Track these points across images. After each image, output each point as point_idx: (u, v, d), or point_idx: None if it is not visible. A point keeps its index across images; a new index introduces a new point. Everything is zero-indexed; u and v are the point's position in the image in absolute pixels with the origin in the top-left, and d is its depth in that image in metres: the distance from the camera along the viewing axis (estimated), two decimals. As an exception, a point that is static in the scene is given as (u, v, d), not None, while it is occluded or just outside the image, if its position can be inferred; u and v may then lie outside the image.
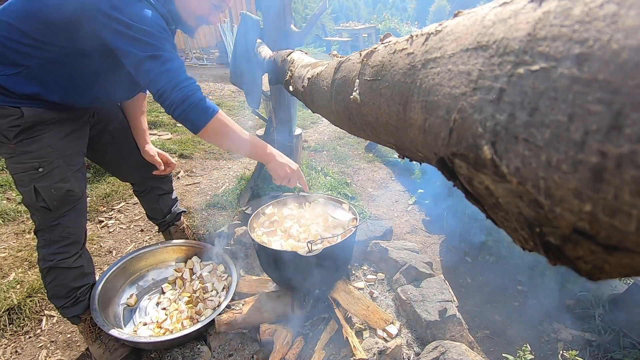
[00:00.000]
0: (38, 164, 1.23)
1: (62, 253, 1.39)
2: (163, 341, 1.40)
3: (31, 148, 1.22)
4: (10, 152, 1.21)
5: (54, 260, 1.38)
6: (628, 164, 0.17)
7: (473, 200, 0.32)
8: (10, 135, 1.18)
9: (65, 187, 1.30)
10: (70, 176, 1.32)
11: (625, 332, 1.60)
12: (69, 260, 1.41)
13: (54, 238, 1.37)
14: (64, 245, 1.38)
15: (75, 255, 1.44)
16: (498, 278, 2.07)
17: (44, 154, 1.24)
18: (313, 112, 0.95)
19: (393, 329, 1.47)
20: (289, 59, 1.26)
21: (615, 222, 0.18)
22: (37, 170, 1.23)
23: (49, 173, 1.26)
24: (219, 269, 1.83)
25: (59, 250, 1.38)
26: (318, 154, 3.78)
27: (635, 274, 0.21)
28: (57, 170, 1.27)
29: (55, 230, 1.36)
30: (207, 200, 2.86)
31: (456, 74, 0.30)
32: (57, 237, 1.37)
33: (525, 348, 1.40)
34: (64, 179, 1.29)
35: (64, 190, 1.30)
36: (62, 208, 1.32)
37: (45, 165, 1.24)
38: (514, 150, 0.23)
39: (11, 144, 1.19)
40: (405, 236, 2.46)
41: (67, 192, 1.31)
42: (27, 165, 1.22)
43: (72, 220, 1.37)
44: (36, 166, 1.23)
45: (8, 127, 1.17)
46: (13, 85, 1.14)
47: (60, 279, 1.43)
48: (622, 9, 0.18)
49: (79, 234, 1.42)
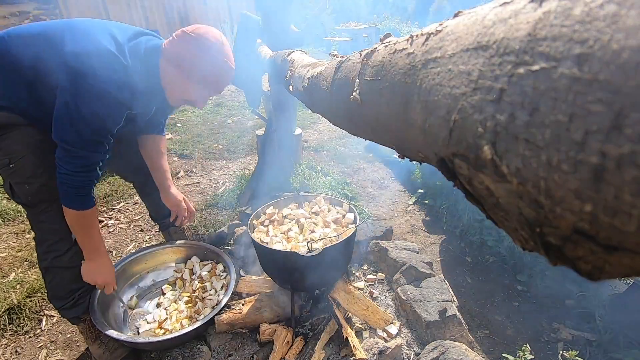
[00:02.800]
0: (8, 160, 1.24)
1: (53, 251, 1.39)
2: (163, 341, 1.40)
3: (1, 145, 1.22)
4: None
5: (48, 259, 1.39)
6: (628, 164, 0.17)
7: (473, 200, 0.32)
8: None
9: (37, 182, 1.29)
10: (43, 172, 1.30)
11: (625, 332, 1.60)
12: (62, 258, 1.41)
13: (42, 236, 1.37)
14: (53, 243, 1.38)
15: (69, 253, 1.42)
16: (498, 278, 2.07)
17: (14, 150, 1.24)
18: (313, 112, 0.95)
19: (393, 329, 1.47)
20: (289, 58, 1.26)
21: (616, 223, 0.18)
22: (9, 166, 1.24)
23: (20, 168, 1.25)
24: (218, 268, 1.83)
25: (50, 249, 1.38)
26: (318, 154, 3.78)
27: (635, 274, 0.21)
28: (28, 166, 1.26)
29: (41, 227, 1.36)
30: (207, 200, 2.86)
31: (456, 74, 0.30)
32: (45, 234, 1.37)
33: (525, 348, 1.40)
34: (35, 174, 1.28)
35: (37, 185, 1.29)
36: (41, 204, 1.31)
37: (16, 160, 1.24)
38: (515, 151, 0.23)
39: None
40: (405, 236, 2.45)
41: (41, 186, 1.29)
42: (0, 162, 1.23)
43: (54, 216, 1.35)
44: (7, 162, 1.24)
45: None
46: None
47: (58, 279, 1.43)
48: (623, 9, 0.18)
49: (65, 229, 1.40)
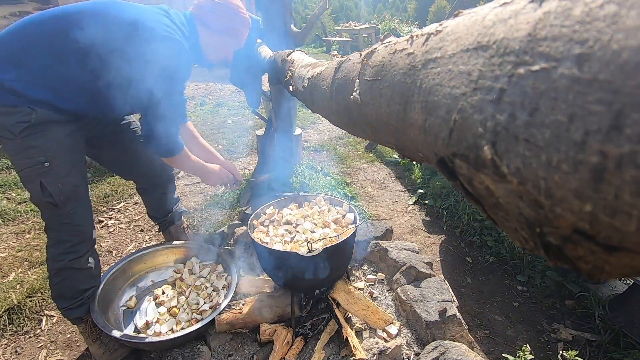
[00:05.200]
0: (44, 159, 1.24)
1: (72, 252, 1.39)
2: (163, 341, 1.40)
3: (37, 143, 1.22)
4: (16, 148, 1.22)
5: (64, 260, 1.38)
6: (628, 164, 0.17)
7: (473, 201, 0.32)
8: (16, 130, 1.18)
9: (71, 182, 1.30)
10: (75, 171, 1.32)
11: (625, 332, 1.60)
12: (81, 260, 1.41)
13: (63, 237, 1.36)
14: (73, 245, 1.38)
15: (87, 255, 1.43)
16: (498, 278, 2.07)
17: (50, 148, 1.24)
18: (313, 112, 0.95)
19: (393, 329, 1.47)
20: (289, 59, 1.26)
21: (616, 222, 0.18)
22: (44, 164, 1.24)
23: (55, 167, 1.26)
24: (218, 269, 1.83)
25: (69, 250, 1.38)
26: (318, 154, 3.78)
27: (635, 274, 0.21)
28: (62, 165, 1.27)
29: (65, 228, 1.35)
30: (207, 200, 2.86)
31: (456, 74, 0.30)
32: (66, 235, 1.36)
33: (525, 348, 1.40)
34: (70, 173, 1.30)
35: (71, 185, 1.30)
36: (69, 204, 1.32)
37: (52, 159, 1.25)
38: (515, 151, 0.23)
39: (17, 139, 1.20)
40: (405, 236, 2.45)
41: (74, 187, 1.31)
42: (34, 160, 1.23)
43: (81, 217, 1.37)
44: (42, 160, 1.23)
45: (16, 122, 1.18)
46: (24, 89, 1.17)
47: (69, 280, 1.42)
48: (623, 10, 0.18)
49: (87, 232, 1.42)
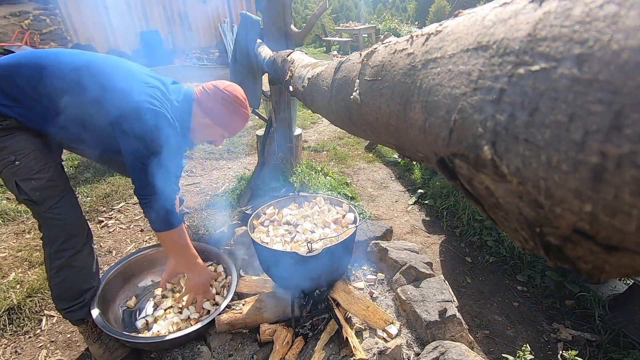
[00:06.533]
0: (14, 157, 1.25)
1: (70, 249, 1.39)
2: (163, 341, 1.40)
3: (7, 143, 1.24)
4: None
5: (64, 257, 1.38)
6: (628, 164, 0.17)
7: (473, 201, 0.32)
8: None
9: (44, 177, 1.31)
10: (48, 167, 1.32)
11: (625, 332, 1.60)
12: (80, 255, 1.42)
13: (53, 233, 1.37)
14: (67, 239, 1.38)
15: (85, 249, 1.44)
16: (498, 278, 2.07)
17: (19, 147, 1.26)
18: (313, 112, 0.95)
19: (393, 329, 1.47)
20: (289, 59, 1.26)
21: (615, 222, 0.18)
22: (14, 163, 1.25)
23: (25, 165, 1.27)
24: (219, 269, 1.83)
25: (64, 246, 1.38)
26: (318, 154, 3.78)
27: (635, 274, 0.21)
28: (33, 162, 1.28)
29: (52, 224, 1.36)
30: (207, 200, 2.86)
31: (456, 74, 0.30)
32: (56, 231, 1.37)
33: (525, 348, 1.40)
34: (42, 169, 1.30)
35: (45, 180, 1.30)
36: (49, 200, 1.32)
37: (21, 157, 1.26)
38: (514, 151, 0.23)
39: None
40: (405, 236, 2.45)
41: (48, 181, 1.31)
42: (5, 161, 1.25)
43: (65, 211, 1.37)
44: (12, 159, 1.25)
45: None
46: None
47: (70, 280, 1.42)
48: (623, 10, 0.18)
49: (77, 225, 1.42)
